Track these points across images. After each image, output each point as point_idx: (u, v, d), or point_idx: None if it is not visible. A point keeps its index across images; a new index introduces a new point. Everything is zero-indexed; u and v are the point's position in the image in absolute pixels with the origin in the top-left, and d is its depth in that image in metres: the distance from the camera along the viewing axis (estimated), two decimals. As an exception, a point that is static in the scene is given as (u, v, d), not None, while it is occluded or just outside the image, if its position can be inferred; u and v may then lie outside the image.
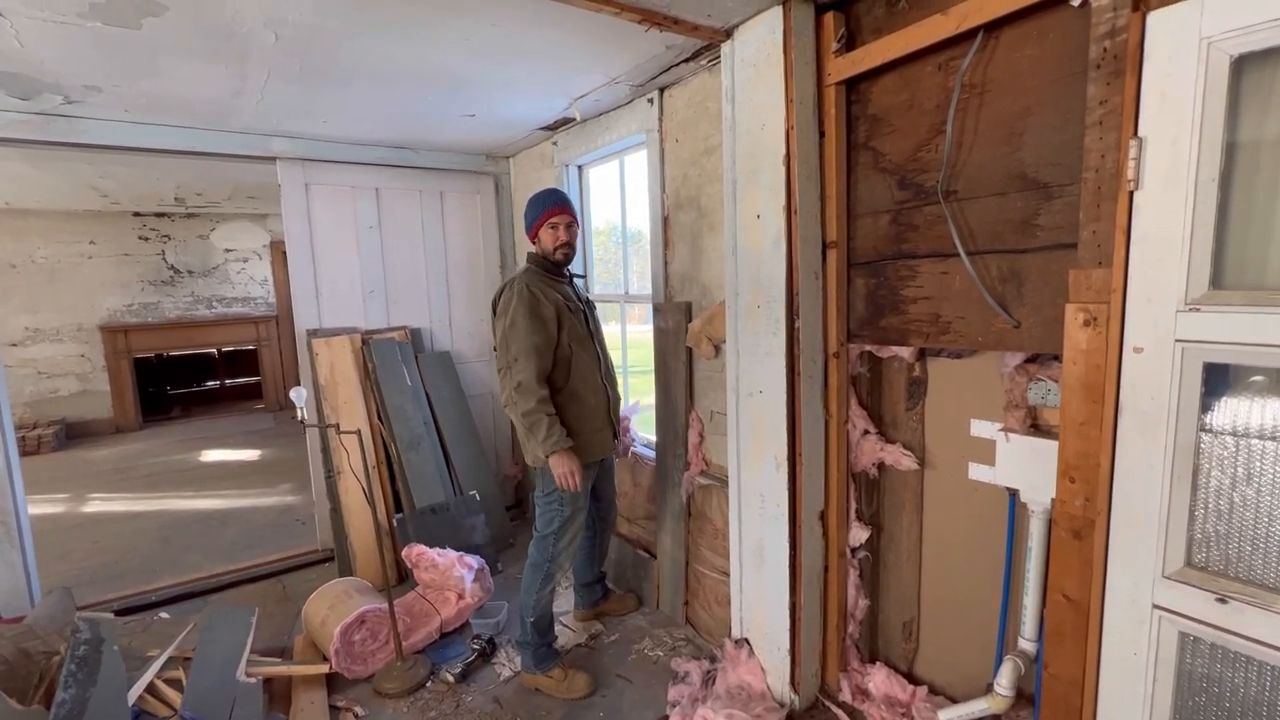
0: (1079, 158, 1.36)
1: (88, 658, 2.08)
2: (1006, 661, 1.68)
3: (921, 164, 1.70)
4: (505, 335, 2.04)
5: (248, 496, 4.44)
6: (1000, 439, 1.69)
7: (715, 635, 2.42)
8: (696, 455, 2.47)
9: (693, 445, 2.47)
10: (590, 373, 2.20)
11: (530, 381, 2.00)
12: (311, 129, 2.99)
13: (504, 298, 2.12)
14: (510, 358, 2.03)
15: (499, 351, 2.06)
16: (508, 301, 2.08)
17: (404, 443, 3.20)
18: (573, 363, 2.15)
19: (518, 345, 2.02)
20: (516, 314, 2.03)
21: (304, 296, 3.28)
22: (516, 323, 2.02)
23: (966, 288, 1.63)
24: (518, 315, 2.03)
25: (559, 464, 2.01)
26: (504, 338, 2.05)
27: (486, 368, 3.88)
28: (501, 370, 2.07)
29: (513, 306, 2.05)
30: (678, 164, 2.43)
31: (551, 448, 1.99)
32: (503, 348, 2.04)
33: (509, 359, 2.03)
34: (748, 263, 1.96)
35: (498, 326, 2.09)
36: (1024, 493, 1.67)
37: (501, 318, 2.07)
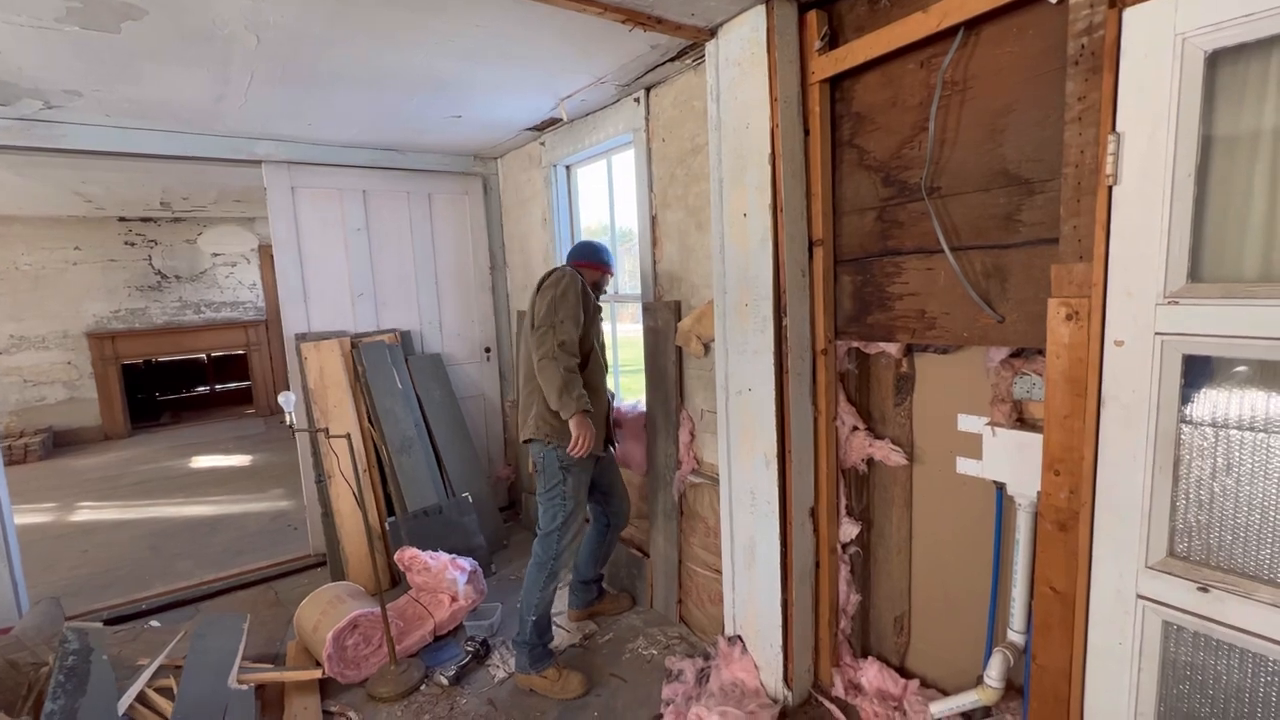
0: (1059, 153, 1.37)
1: (76, 668, 2.06)
2: (995, 653, 1.70)
3: (905, 161, 1.71)
4: (554, 301, 2.12)
5: (239, 502, 4.41)
6: (987, 433, 1.71)
7: (709, 633, 2.42)
8: (688, 454, 2.48)
9: (684, 444, 2.48)
10: (600, 375, 2.32)
11: (572, 343, 2.12)
12: (297, 132, 2.97)
13: (556, 275, 2.21)
14: (557, 319, 2.11)
15: (543, 315, 2.12)
16: (560, 278, 2.18)
17: (395, 446, 3.19)
18: (591, 360, 2.25)
19: (565, 310, 2.13)
20: (569, 289, 2.16)
21: (292, 300, 3.26)
22: (567, 295, 2.15)
23: (951, 284, 1.64)
24: (569, 290, 2.16)
25: (582, 425, 2.09)
26: (552, 303, 2.12)
27: (477, 369, 3.87)
28: (542, 330, 2.11)
29: (565, 282, 2.17)
30: (665, 163, 2.44)
31: (582, 406, 2.08)
32: (549, 311, 2.11)
33: (555, 319, 2.11)
34: (735, 261, 1.96)
35: (544, 295, 2.15)
36: (1011, 486, 1.68)
37: (552, 288, 2.15)
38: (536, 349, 2.10)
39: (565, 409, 2.08)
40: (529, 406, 2.21)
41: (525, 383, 2.25)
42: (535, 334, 2.12)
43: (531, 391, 2.21)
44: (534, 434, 2.17)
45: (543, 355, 2.08)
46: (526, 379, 2.24)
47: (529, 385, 2.22)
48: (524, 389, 2.25)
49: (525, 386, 2.24)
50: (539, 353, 2.09)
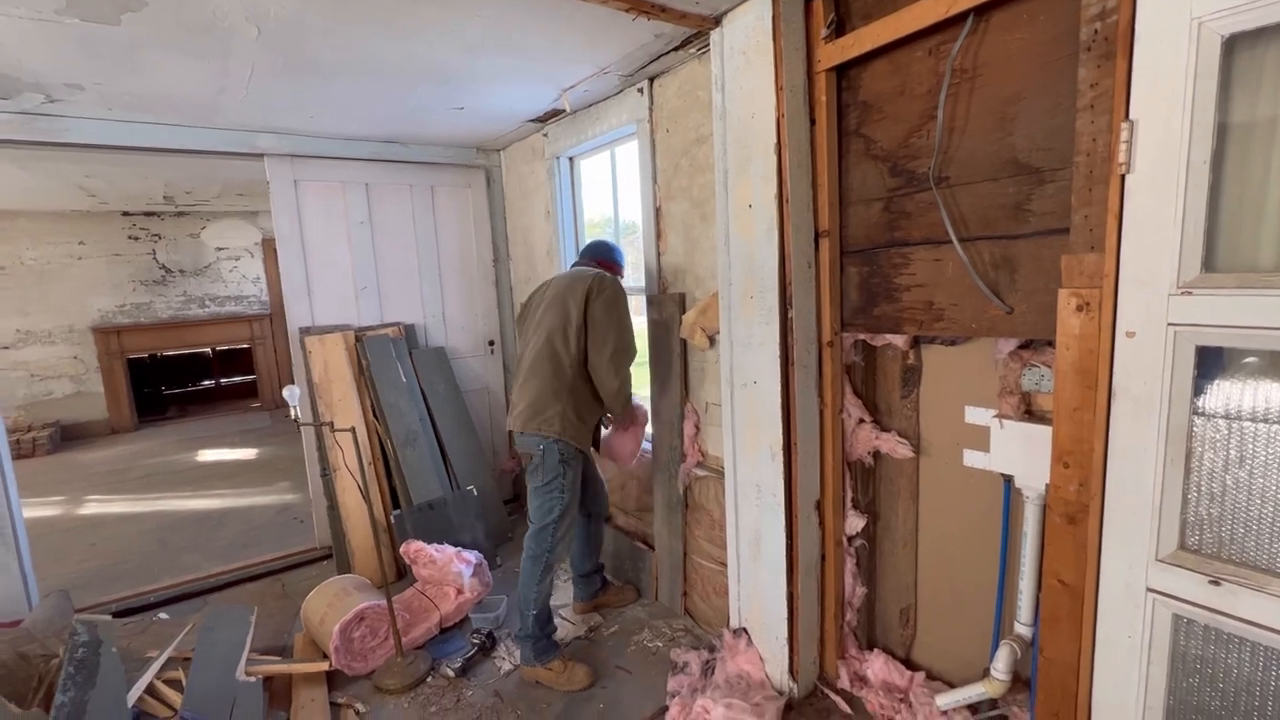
0: (1071, 142, 1.35)
1: (86, 660, 2.08)
2: (1003, 646, 1.69)
3: (913, 150, 1.68)
4: (622, 320, 2.24)
5: (245, 496, 4.43)
6: (994, 425, 1.70)
7: (714, 625, 2.43)
8: (693, 447, 2.47)
9: (689, 437, 2.47)
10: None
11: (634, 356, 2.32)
12: (299, 125, 2.96)
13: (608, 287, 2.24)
14: (626, 342, 2.24)
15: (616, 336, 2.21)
16: (617, 293, 2.25)
17: (399, 439, 3.19)
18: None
19: (630, 332, 2.28)
20: (627, 306, 2.29)
21: (296, 294, 3.26)
22: (628, 313, 2.29)
23: (959, 274, 1.62)
24: (627, 307, 2.30)
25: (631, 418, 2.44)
26: (620, 322, 2.23)
27: (481, 363, 3.87)
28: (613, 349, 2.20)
29: (623, 299, 2.27)
30: (669, 154, 2.41)
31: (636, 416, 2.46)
32: (618, 334, 2.21)
33: (624, 344, 2.23)
34: (740, 253, 1.95)
35: (607, 310, 2.21)
36: (1019, 479, 1.67)
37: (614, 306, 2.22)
38: (615, 375, 2.21)
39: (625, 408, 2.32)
40: (545, 403, 2.18)
41: (533, 377, 2.22)
42: (612, 361, 2.19)
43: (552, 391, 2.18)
44: (553, 432, 2.15)
45: (624, 381, 2.24)
46: (534, 372, 2.22)
47: (542, 381, 2.19)
48: (534, 383, 2.22)
49: (536, 381, 2.21)
50: (619, 378, 2.22)
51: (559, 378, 2.19)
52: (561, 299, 2.23)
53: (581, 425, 2.20)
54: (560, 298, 2.24)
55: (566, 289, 2.24)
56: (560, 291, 2.25)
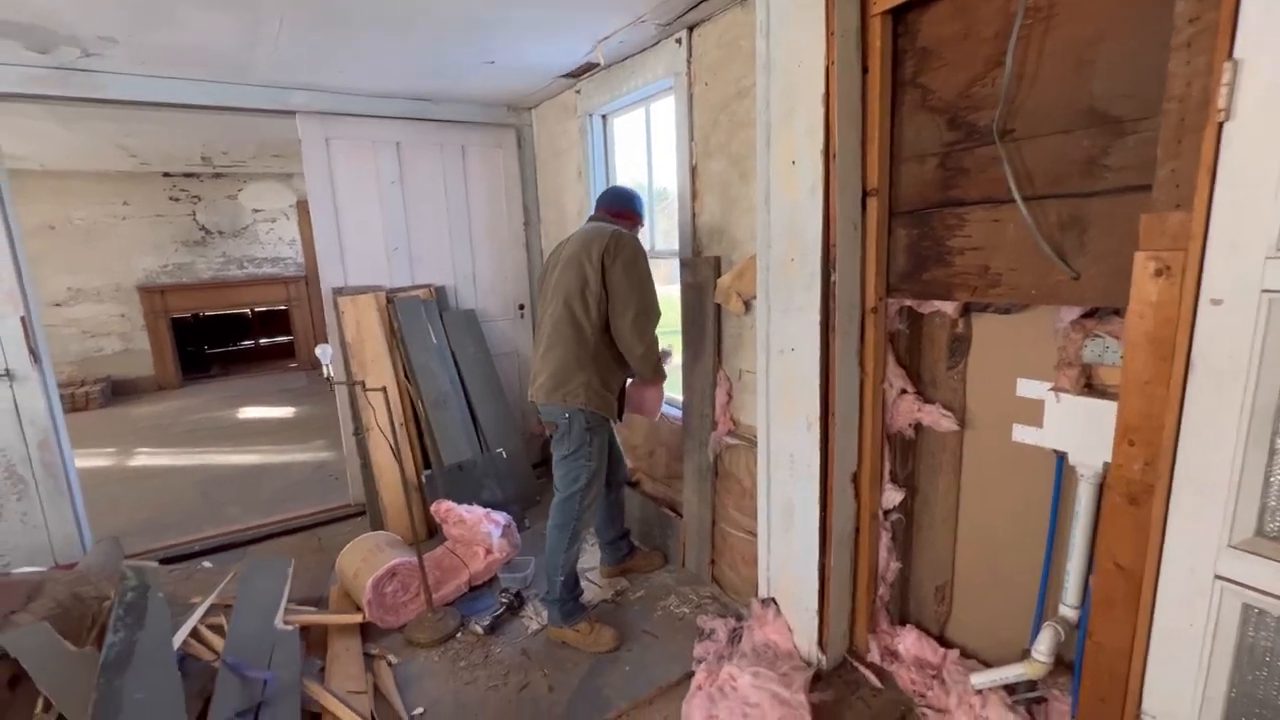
0: (1159, 87, 1.22)
1: (135, 604, 2.17)
2: (1046, 628, 1.62)
3: (975, 101, 1.56)
4: (642, 281, 2.14)
5: (283, 452, 4.56)
6: (1050, 399, 1.60)
7: (741, 594, 2.41)
8: (724, 415, 2.42)
9: (720, 405, 2.42)
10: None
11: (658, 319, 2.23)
12: (330, 81, 2.91)
13: (625, 246, 2.13)
14: (647, 303, 2.15)
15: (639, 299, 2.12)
16: (635, 251, 2.14)
17: (431, 400, 3.21)
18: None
19: (652, 293, 2.18)
20: (647, 265, 2.18)
21: (329, 254, 3.26)
22: (648, 272, 2.18)
23: (1021, 237, 1.51)
24: (647, 266, 2.18)
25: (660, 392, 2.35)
26: (640, 283, 2.13)
27: (511, 326, 3.85)
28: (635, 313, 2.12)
29: (641, 256, 2.16)
30: (707, 109, 2.30)
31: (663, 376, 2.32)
32: (640, 296, 2.13)
33: (646, 305, 2.14)
34: (781, 213, 1.85)
35: (625, 272, 2.11)
36: (1073, 455, 1.58)
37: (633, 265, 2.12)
38: (639, 340, 2.13)
39: (655, 376, 2.28)
40: (569, 373, 2.13)
41: (555, 345, 2.17)
42: (634, 324, 2.12)
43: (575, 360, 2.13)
44: (578, 402, 2.11)
45: (648, 346, 2.16)
46: (555, 339, 2.17)
47: (565, 350, 2.14)
48: (556, 352, 2.17)
49: (558, 350, 2.16)
50: (643, 343, 2.15)
51: (582, 346, 2.13)
52: (577, 260, 2.14)
53: (606, 393, 2.16)
54: (575, 259, 2.14)
55: (581, 249, 2.15)
56: (575, 252, 2.16)
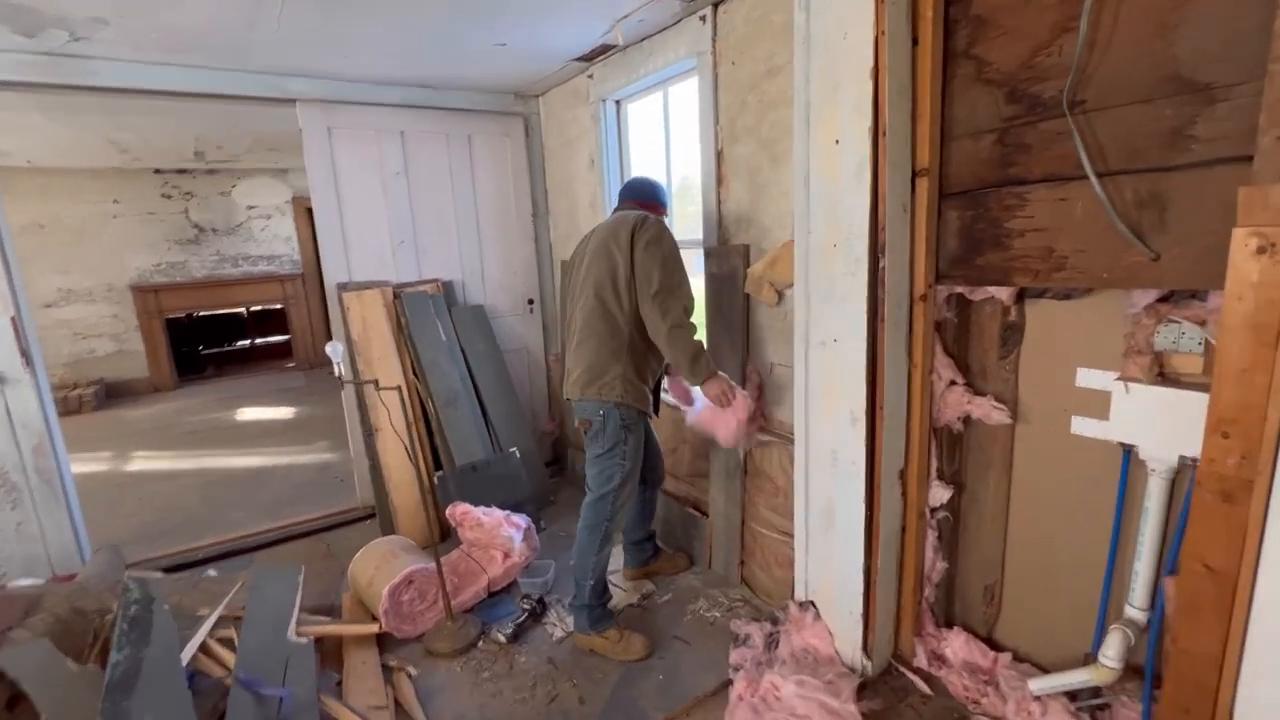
0: (1259, 47, 1.12)
1: (139, 618, 2.05)
2: (1114, 631, 1.54)
3: (1038, 72, 1.45)
4: (667, 261, 2.01)
5: (285, 454, 4.44)
6: (1117, 389, 1.51)
7: (774, 597, 2.31)
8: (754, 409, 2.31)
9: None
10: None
11: (693, 306, 2.07)
12: (331, 66, 2.78)
13: (651, 226, 2.04)
14: (675, 281, 2.02)
15: (660, 277, 1.98)
16: (659, 232, 2.03)
17: (441, 399, 3.10)
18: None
19: (681, 270, 2.06)
20: (674, 244, 2.06)
21: (332, 248, 3.14)
22: (676, 251, 2.06)
23: (1091, 216, 1.41)
24: (674, 245, 2.06)
25: (717, 386, 2.07)
26: (665, 263, 2.00)
27: (520, 322, 3.74)
28: (662, 295, 1.99)
29: (667, 237, 2.05)
30: (735, 90, 2.19)
31: (713, 369, 2.07)
32: (666, 273, 1.99)
33: (674, 283, 2.01)
34: (823, 196, 1.75)
35: (649, 253, 1.99)
36: (1144, 449, 1.49)
37: (656, 245, 2.00)
38: (662, 318, 1.97)
39: (697, 375, 2.04)
40: (604, 366, 2.04)
41: (587, 338, 2.07)
42: (655, 301, 1.97)
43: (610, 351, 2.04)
44: (614, 396, 2.02)
45: (672, 325, 1.98)
46: (587, 332, 2.07)
47: (598, 342, 2.05)
48: (589, 345, 2.07)
49: (591, 343, 2.06)
50: (667, 322, 1.97)
51: (615, 336, 2.04)
52: (605, 248, 2.06)
53: (643, 386, 2.07)
54: (603, 247, 2.06)
55: (609, 236, 2.07)
56: (603, 240, 2.08)
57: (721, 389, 2.07)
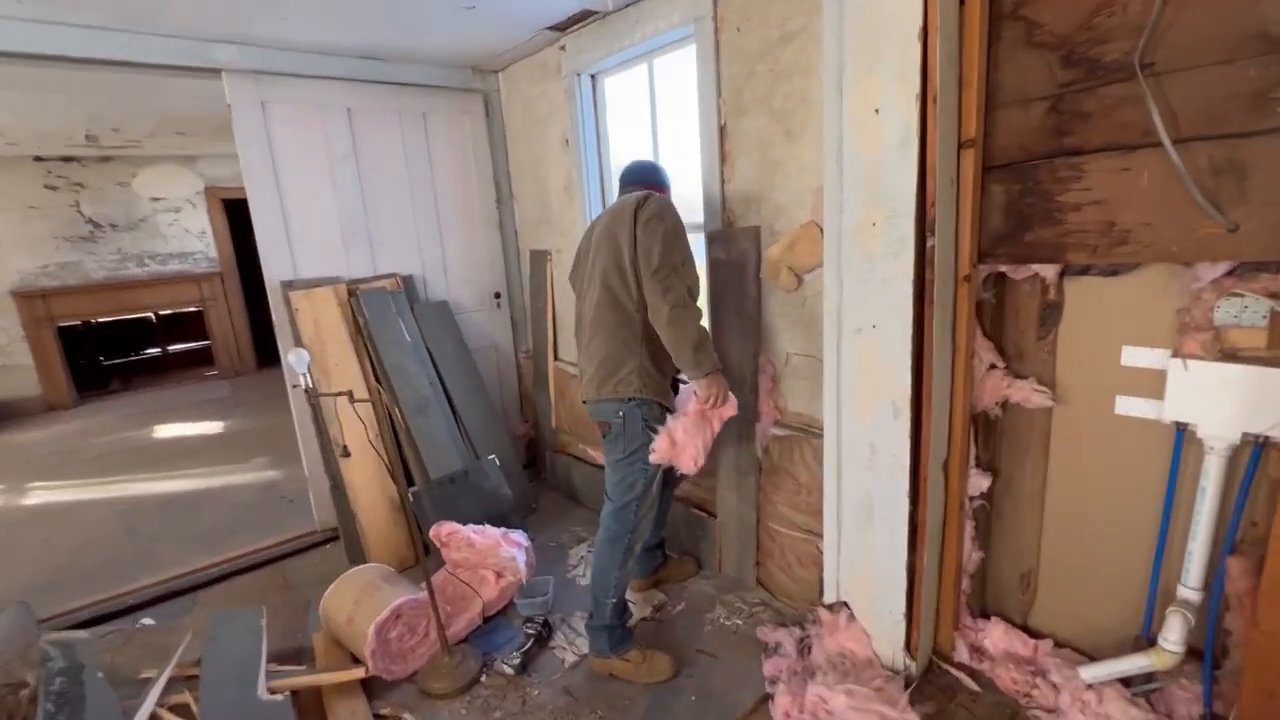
0: (1359, 2, 1.06)
1: (67, 692, 1.70)
2: (1173, 614, 1.50)
3: (1100, 33, 1.36)
4: (669, 237, 1.79)
5: (219, 475, 3.96)
6: (1174, 367, 1.46)
7: (795, 598, 2.20)
8: (768, 403, 2.18)
9: (764, 392, 2.18)
10: None
11: (697, 289, 1.87)
12: (265, 31, 2.41)
13: (653, 203, 1.83)
14: (678, 260, 1.79)
15: (661, 254, 1.77)
16: (662, 208, 1.83)
17: (410, 406, 2.80)
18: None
19: (684, 248, 1.84)
20: (678, 221, 1.85)
21: (273, 242, 2.76)
22: (680, 229, 1.85)
23: (1159, 187, 1.34)
24: (679, 223, 1.85)
25: (716, 382, 1.85)
26: (667, 239, 1.78)
27: (487, 317, 3.46)
28: (664, 273, 1.77)
29: (671, 214, 1.84)
30: (741, 59, 2.02)
31: (716, 362, 1.84)
32: (667, 250, 1.78)
33: (676, 261, 1.79)
34: (859, 170, 1.61)
35: (650, 230, 1.79)
36: (1203, 428, 1.44)
37: (659, 221, 1.79)
38: (663, 297, 1.75)
39: (700, 367, 1.79)
40: (619, 360, 1.84)
41: (598, 333, 1.88)
42: (655, 278, 1.75)
43: (623, 343, 1.84)
44: (631, 391, 1.82)
45: (673, 305, 1.74)
46: (598, 327, 1.88)
47: (609, 336, 1.85)
48: (600, 340, 1.88)
49: (602, 337, 1.87)
50: (667, 301, 1.74)
51: (627, 327, 1.85)
52: (610, 234, 1.87)
53: (662, 378, 1.89)
54: (608, 233, 1.87)
55: (614, 220, 1.88)
56: (607, 225, 1.89)
57: (721, 386, 1.85)
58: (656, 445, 1.87)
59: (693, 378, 1.83)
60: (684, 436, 1.90)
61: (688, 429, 1.90)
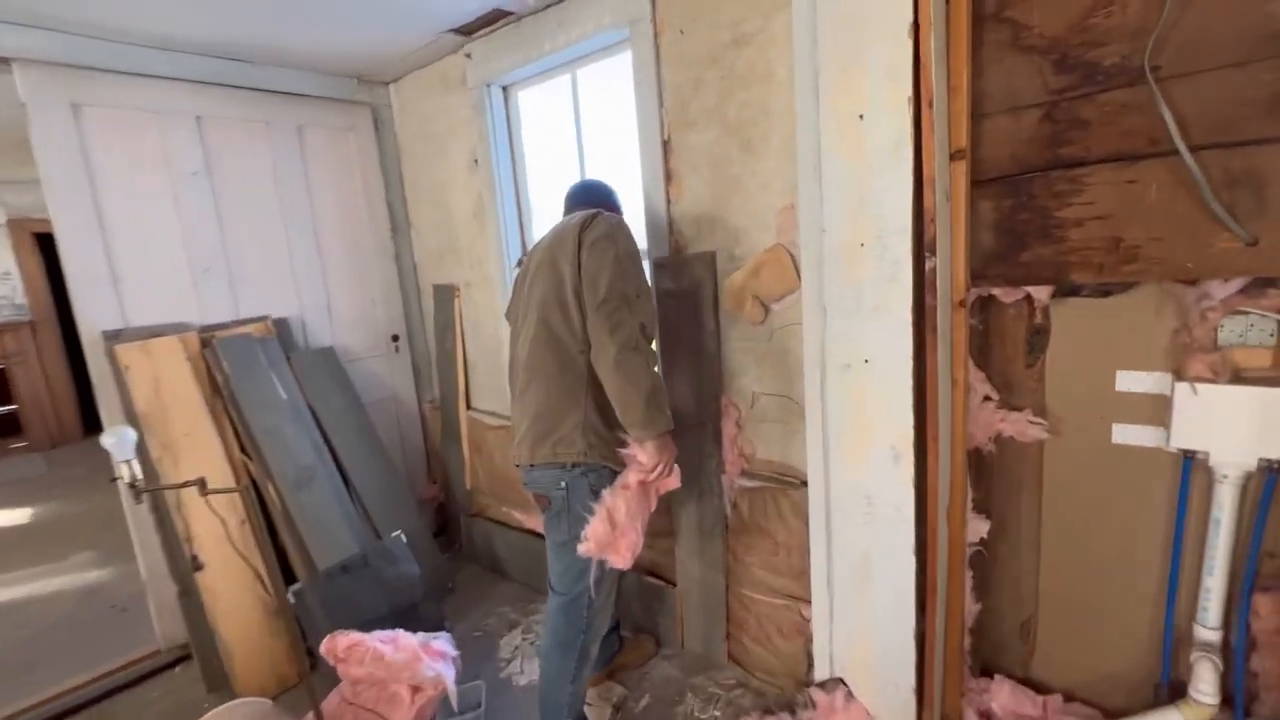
0: (1382, 1, 0.99)
1: None
2: (1201, 661, 1.37)
3: (1095, 36, 1.26)
4: (621, 262, 1.49)
5: (24, 581, 3.07)
6: (1182, 391, 1.35)
7: (777, 674, 1.92)
8: (732, 450, 1.92)
9: (728, 439, 1.92)
10: None
11: (652, 327, 1.57)
12: (74, 13, 1.88)
13: (601, 223, 1.52)
14: (632, 291, 1.48)
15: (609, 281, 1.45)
16: (612, 227, 1.53)
17: (289, 480, 2.25)
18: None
19: (640, 276, 1.54)
20: (633, 244, 1.55)
21: (89, 281, 2.14)
22: (635, 253, 1.55)
23: (1169, 199, 1.24)
24: (634, 245, 1.55)
25: (668, 448, 1.52)
26: (619, 264, 1.48)
27: (384, 364, 2.96)
28: (613, 305, 1.44)
29: (624, 235, 1.54)
30: (686, 65, 1.80)
31: (670, 423, 1.50)
32: (617, 276, 1.47)
33: (629, 291, 1.48)
34: (842, 183, 1.42)
35: (598, 252, 1.48)
36: (1215, 455, 1.34)
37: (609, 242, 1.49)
38: (610, 335, 1.41)
39: (652, 425, 1.44)
40: (559, 413, 1.50)
41: (534, 379, 1.53)
42: (601, 312, 1.42)
43: (563, 392, 1.50)
44: (575, 455, 1.47)
45: (622, 345, 1.41)
46: (533, 371, 1.53)
47: (547, 383, 1.51)
48: (536, 389, 1.53)
49: (538, 385, 1.52)
50: (615, 341, 1.41)
51: (569, 371, 1.51)
52: (550, 259, 1.55)
53: (611, 434, 1.55)
54: (549, 258, 1.56)
55: (555, 242, 1.57)
56: (547, 250, 1.58)
57: (672, 452, 1.54)
58: (590, 531, 1.48)
59: (639, 439, 1.48)
60: (625, 518, 1.51)
61: (631, 507, 1.52)
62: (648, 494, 1.56)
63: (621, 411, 1.44)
